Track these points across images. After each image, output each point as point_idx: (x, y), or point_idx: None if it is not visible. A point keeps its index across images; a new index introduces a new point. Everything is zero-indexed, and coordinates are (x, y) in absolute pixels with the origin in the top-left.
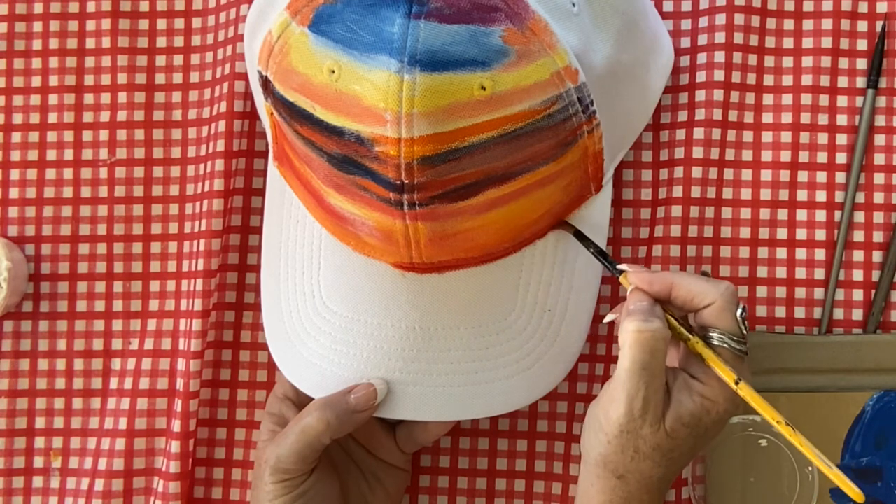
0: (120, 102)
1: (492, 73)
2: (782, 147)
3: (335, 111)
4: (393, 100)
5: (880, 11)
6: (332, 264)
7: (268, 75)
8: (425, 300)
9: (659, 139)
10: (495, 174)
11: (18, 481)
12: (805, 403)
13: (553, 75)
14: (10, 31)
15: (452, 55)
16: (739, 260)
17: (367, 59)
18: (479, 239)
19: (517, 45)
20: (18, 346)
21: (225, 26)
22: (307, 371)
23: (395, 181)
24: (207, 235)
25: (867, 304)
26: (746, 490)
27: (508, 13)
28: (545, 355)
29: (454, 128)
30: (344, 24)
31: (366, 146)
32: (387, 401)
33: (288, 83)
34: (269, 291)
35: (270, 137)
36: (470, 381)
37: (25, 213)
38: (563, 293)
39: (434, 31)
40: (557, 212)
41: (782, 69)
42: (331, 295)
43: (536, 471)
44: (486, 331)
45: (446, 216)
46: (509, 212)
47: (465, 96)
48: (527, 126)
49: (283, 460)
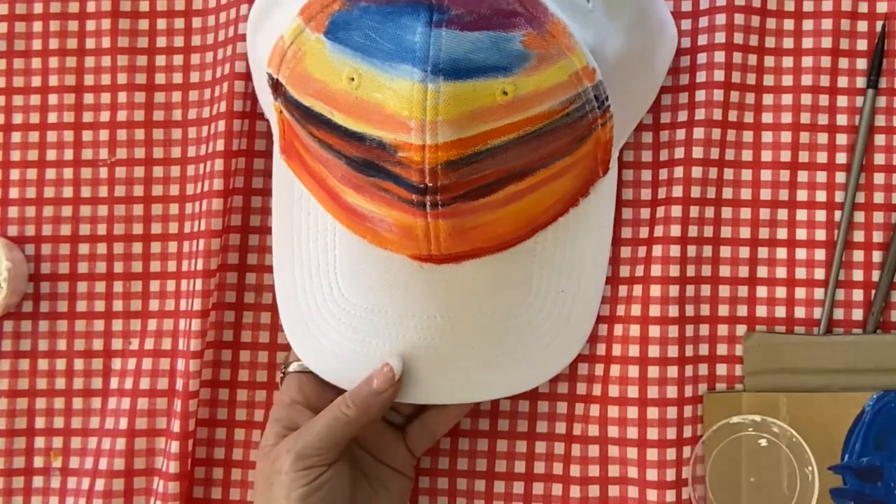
0: (120, 102)
1: (513, 77)
2: (782, 147)
3: (355, 118)
4: (417, 108)
5: (880, 11)
6: (349, 257)
7: (279, 78)
8: (443, 289)
9: (659, 139)
10: (515, 172)
11: (18, 481)
12: (805, 403)
13: (572, 76)
14: (10, 31)
15: (475, 62)
16: (739, 260)
17: (388, 67)
18: (497, 230)
19: (537, 49)
20: (18, 346)
21: (225, 26)
22: (331, 362)
23: (419, 185)
24: (207, 235)
25: (867, 304)
26: (746, 490)
27: (528, 18)
28: (560, 334)
29: (477, 132)
30: (362, 31)
31: (388, 152)
32: (409, 386)
33: (303, 89)
34: (283, 285)
35: (277, 133)
36: (489, 364)
37: (25, 213)
38: (576, 274)
39: (456, 39)
40: (569, 198)
41: (782, 69)
42: (349, 288)
43: (535, 472)
44: (503, 315)
45: (467, 213)
46: (526, 203)
47: (487, 102)
48: (546, 126)
49: (311, 446)
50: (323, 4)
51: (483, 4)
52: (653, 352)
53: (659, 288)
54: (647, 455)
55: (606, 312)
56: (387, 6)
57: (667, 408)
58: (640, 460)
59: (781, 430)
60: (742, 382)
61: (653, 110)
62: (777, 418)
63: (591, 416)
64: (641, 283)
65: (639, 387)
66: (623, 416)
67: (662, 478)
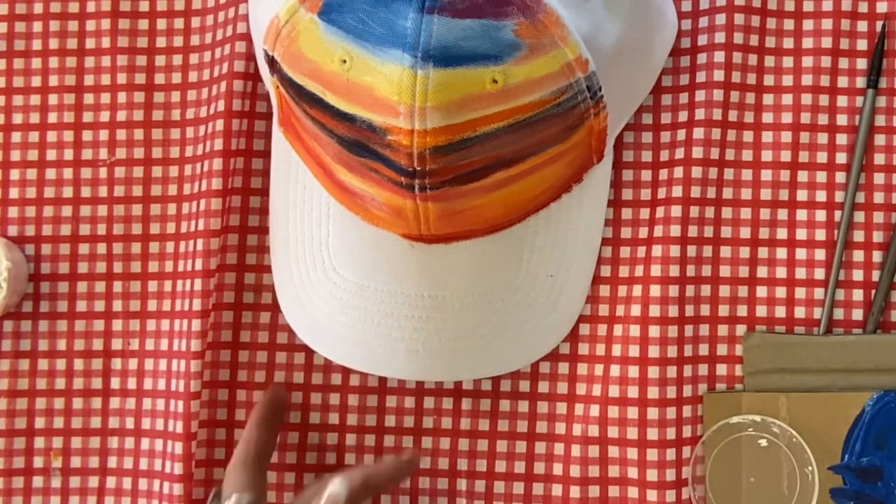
0: (119, 102)
1: (504, 66)
2: (782, 147)
3: (346, 99)
4: (406, 94)
5: (880, 11)
6: (341, 232)
7: (275, 55)
8: (433, 269)
9: (659, 139)
10: (504, 158)
11: (18, 481)
12: (805, 403)
13: (564, 66)
14: (10, 31)
15: (465, 50)
16: (739, 260)
17: (379, 51)
18: (486, 213)
19: (529, 38)
20: (18, 346)
21: (223, 25)
22: (321, 333)
23: (408, 168)
24: (205, 235)
25: (867, 304)
26: (746, 490)
27: (521, 6)
28: (548, 317)
29: (466, 119)
30: (355, 14)
31: (378, 134)
32: (396, 364)
33: (297, 68)
34: (277, 255)
35: (276, 106)
36: (476, 345)
37: (25, 213)
38: (566, 259)
39: (447, 26)
40: (561, 184)
41: (782, 69)
42: (340, 262)
43: (535, 473)
44: (492, 297)
45: (455, 197)
46: (516, 189)
47: (477, 90)
48: (537, 115)
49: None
50: None
51: None
52: (653, 352)
53: (659, 288)
54: (647, 455)
55: (606, 312)
56: None
57: (667, 408)
58: (640, 460)
59: (781, 430)
60: (742, 382)
61: (653, 110)
62: (777, 418)
63: (591, 416)
64: (641, 284)
65: (639, 387)
66: (623, 416)
67: (662, 478)
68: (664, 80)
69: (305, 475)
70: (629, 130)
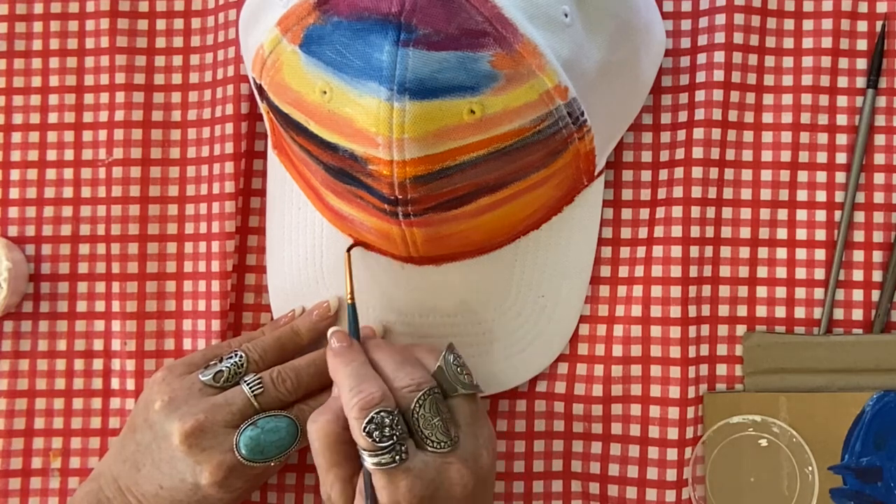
0: (119, 102)
1: (480, 97)
2: (782, 147)
3: (328, 129)
4: (384, 126)
5: (880, 11)
6: (334, 253)
7: (262, 84)
8: (424, 290)
9: (659, 140)
10: (487, 185)
11: (15, 483)
12: (805, 403)
13: (542, 95)
14: (10, 31)
15: (441, 82)
16: (739, 260)
17: (357, 84)
18: (473, 237)
19: (506, 69)
20: (18, 346)
21: (224, 27)
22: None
23: (390, 196)
24: (206, 238)
25: (867, 304)
26: (746, 490)
27: (497, 37)
28: (539, 338)
29: (445, 149)
30: (334, 46)
31: (360, 163)
32: None
33: (282, 97)
34: (274, 275)
35: (269, 129)
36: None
37: (25, 213)
38: (557, 279)
39: (422, 58)
40: (551, 206)
41: (782, 69)
42: (333, 283)
43: (535, 471)
44: (483, 318)
45: (440, 222)
46: (503, 213)
47: (454, 121)
48: (517, 143)
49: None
50: (299, 17)
51: (452, 24)
52: (654, 352)
53: (659, 289)
54: (647, 454)
55: (606, 313)
56: (357, 23)
57: (668, 408)
58: (640, 459)
59: (781, 430)
60: (742, 382)
61: (653, 111)
62: (777, 418)
63: (594, 415)
64: (642, 284)
65: (641, 386)
66: (626, 415)
67: (662, 477)
68: (664, 80)
69: (306, 475)
70: (629, 130)
